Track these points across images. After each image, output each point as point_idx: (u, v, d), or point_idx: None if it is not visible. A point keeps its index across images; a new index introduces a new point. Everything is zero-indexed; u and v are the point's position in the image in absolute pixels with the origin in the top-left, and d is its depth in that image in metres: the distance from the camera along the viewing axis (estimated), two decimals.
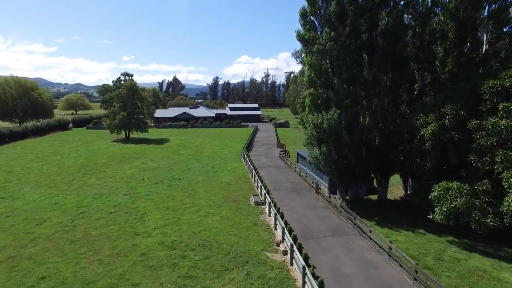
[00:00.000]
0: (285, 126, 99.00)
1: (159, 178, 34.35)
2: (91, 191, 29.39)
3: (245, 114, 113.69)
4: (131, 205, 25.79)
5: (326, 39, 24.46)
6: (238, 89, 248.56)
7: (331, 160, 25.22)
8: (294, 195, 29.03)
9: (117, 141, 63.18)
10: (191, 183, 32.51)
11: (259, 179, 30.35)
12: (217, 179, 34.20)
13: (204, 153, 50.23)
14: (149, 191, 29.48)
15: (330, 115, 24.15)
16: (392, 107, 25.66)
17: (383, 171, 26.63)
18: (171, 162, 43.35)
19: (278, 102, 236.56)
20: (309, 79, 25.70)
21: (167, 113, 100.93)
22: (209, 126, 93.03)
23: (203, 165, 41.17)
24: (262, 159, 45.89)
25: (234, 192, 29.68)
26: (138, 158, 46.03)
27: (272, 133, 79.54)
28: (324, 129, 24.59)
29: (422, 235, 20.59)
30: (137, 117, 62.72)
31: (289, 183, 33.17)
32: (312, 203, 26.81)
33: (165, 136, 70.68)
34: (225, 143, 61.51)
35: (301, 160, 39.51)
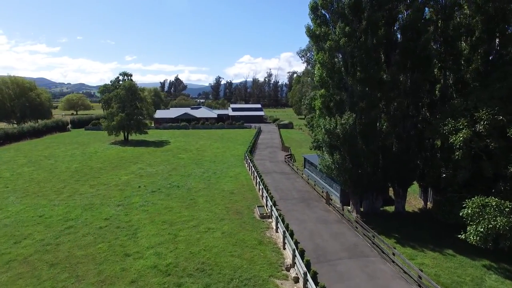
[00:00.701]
0: (288, 127, 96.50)
1: (156, 186, 31.97)
2: (82, 201, 27.03)
3: (247, 115, 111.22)
4: (123, 218, 23.40)
5: (339, 34, 21.98)
6: (241, 89, 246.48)
7: (345, 169, 22.74)
8: (302, 206, 26.56)
9: (115, 143, 60.90)
10: (191, 192, 30.11)
11: (264, 188, 27.91)
12: (219, 187, 31.77)
13: (205, 157, 47.84)
14: (145, 201, 27.10)
15: (345, 120, 21.66)
16: (413, 110, 23.14)
17: (402, 181, 24.11)
18: (170, 167, 40.98)
19: (280, 102, 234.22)
20: (320, 79, 23.24)
21: (168, 113, 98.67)
22: (211, 127, 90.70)
23: (204, 171, 38.77)
24: (266, 164, 43.45)
25: (237, 202, 27.26)
26: (135, 162, 43.69)
27: (276, 135, 77.09)
28: (337, 135, 22.11)
29: (452, 257, 18.07)
30: (136, 119, 60.42)
31: (296, 191, 30.70)
32: (323, 216, 24.34)
33: (165, 138, 68.36)
34: (227, 146, 59.13)
35: (308, 166, 37.03)
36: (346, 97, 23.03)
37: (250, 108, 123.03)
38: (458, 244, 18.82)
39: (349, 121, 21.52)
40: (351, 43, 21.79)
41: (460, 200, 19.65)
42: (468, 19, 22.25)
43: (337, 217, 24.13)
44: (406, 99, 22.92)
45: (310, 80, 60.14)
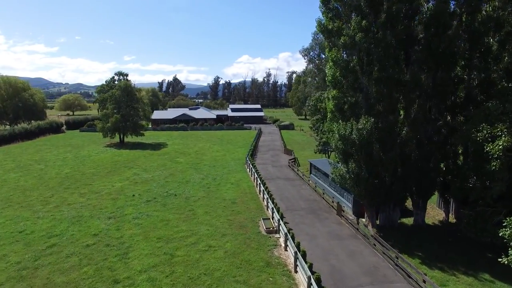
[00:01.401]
0: (289, 128, 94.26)
1: (152, 194, 29.57)
2: (69, 213, 24.61)
3: (247, 116, 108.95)
4: (114, 233, 21.01)
5: (355, 29, 19.70)
6: (239, 89, 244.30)
7: (361, 179, 20.43)
8: (312, 218, 24.24)
9: (110, 146, 58.42)
10: (189, 201, 27.73)
11: (269, 198, 25.58)
12: (219, 195, 29.41)
13: (204, 161, 45.45)
14: (139, 213, 24.70)
15: (362, 124, 19.36)
16: (436, 114, 20.88)
17: (422, 191, 21.83)
18: (167, 172, 38.57)
19: (279, 102, 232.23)
20: (333, 78, 20.95)
21: (166, 114, 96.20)
22: (210, 128, 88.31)
23: (203, 176, 36.39)
24: (269, 169, 41.12)
25: (240, 214, 24.91)
26: (130, 167, 41.25)
27: (277, 137, 74.81)
28: (352, 141, 19.81)
29: (490, 283, 15.78)
30: (132, 120, 57.98)
31: (303, 200, 28.37)
32: (336, 230, 22.03)
33: (163, 140, 65.89)
34: (227, 149, 56.76)
35: (315, 172, 34.73)
36: (361, 99, 20.78)
37: (250, 108, 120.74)
38: (494, 267, 16.56)
39: (366, 126, 19.21)
40: (368, 39, 19.52)
41: (493, 215, 17.41)
42: (497, 12, 20.03)
43: (351, 231, 21.82)
44: (428, 101, 20.65)
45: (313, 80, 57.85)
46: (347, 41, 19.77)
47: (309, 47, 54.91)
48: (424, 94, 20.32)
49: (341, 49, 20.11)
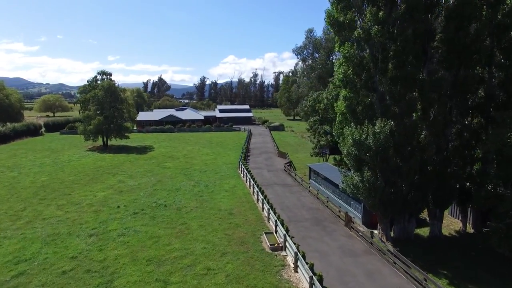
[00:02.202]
0: (279, 129, 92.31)
1: (139, 205, 26.71)
2: (44, 230, 21.55)
3: (235, 116, 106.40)
4: (96, 255, 18.18)
5: (370, 21, 17.59)
6: (226, 89, 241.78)
7: (376, 189, 18.32)
8: (318, 230, 22.02)
9: (93, 149, 54.81)
10: (181, 213, 25.06)
11: (270, 209, 23.24)
12: (214, 205, 26.84)
13: (195, 166, 42.68)
14: (125, 228, 21.89)
15: (379, 128, 17.24)
16: (457, 116, 19.02)
17: (440, 200, 19.93)
18: (154, 179, 35.66)
19: (267, 102, 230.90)
20: (345, 76, 18.80)
21: (152, 115, 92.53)
22: (198, 130, 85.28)
23: (194, 183, 33.69)
24: (264, 174, 38.76)
25: (238, 227, 22.44)
26: (114, 173, 38.08)
27: (268, 138, 72.55)
28: (368, 146, 17.68)
29: None
30: (116, 122, 54.55)
31: (305, 210, 26.14)
32: (347, 244, 19.86)
33: (149, 143, 62.58)
34: (217, 152, 54.09)
35: (314, 177, 32.59)
36: (375, 100, 18.70)
37: (238, 109, 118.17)
38: None
39: (385, 129, 17.11)
40: (384, 33, 17.44)
41: None
42: None
43: (364, 245, 19.69)
44: (449, 102, 18.75)
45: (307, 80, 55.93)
46: (361, 35, 17.64)
47: (303, 45, 52.95)
48: (444, 94, 18.38)
49: (355, 44, 17.93)
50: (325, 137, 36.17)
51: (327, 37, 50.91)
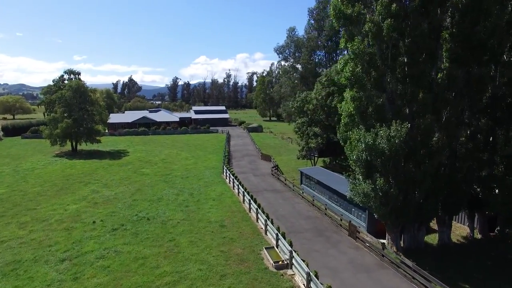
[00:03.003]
0: (258, 131, 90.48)
1: (118, 219, 23.73)
2: (2, 257, 18.15)
3: (212, 118, 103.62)
4: (71, 286, 15.28)
5: (381, 14, 16.06)
6: (199, 90, 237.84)
7: (389, 197, 16.84)
8: (322, 242, 20.29)
9: (61, 155, 50.20)
10: (167, 227, 22.43)
11: (267, 220, 21.22)
12: (203, 217, 24.41)
13: (175, 171, 39.78)
14: (104, 249, 18.99)
15: (395, 131, 15.73)
16: (469, 117, 17.97)
17: (452, 206, 18.84)
18: (133, 187, 32.51)
19: (240, 103, 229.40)
20: (353, 75, 17.15)
21: (124, 118, 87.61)
22: (173, 132, 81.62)
23: (177, 192, 30.97)
24: (250, 178, 36.65)
25: (234, 241, 20.22)
26: (87, 182, 34.46)
27: (248, 140, 70.55)
28: (381, 151, 16.14)
29: None
30: (87, 125, 50.26)
31: (303, 219, 24.36)
32: (357, 257, 18.23)
33: (122, 147, 58.53)
34: (197, 155, 51.32)
35: (307, 182, 30.94)
36: (385, 100, 17.23)
37: (214, 110, 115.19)
38: None
39: (401, 133, 15.62)
40: (397, 27, 15.99)
41: None
42: None
43: (375, 258, 18.15)
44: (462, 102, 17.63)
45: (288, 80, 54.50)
46: (372, 29, 16.06)
47: (285, 44, 51.50)
48: (458, 94, 17.24)
49: (365, 39, 16.34)
50: (314, 139, 34.67)
51: (310, 36, 49.72)
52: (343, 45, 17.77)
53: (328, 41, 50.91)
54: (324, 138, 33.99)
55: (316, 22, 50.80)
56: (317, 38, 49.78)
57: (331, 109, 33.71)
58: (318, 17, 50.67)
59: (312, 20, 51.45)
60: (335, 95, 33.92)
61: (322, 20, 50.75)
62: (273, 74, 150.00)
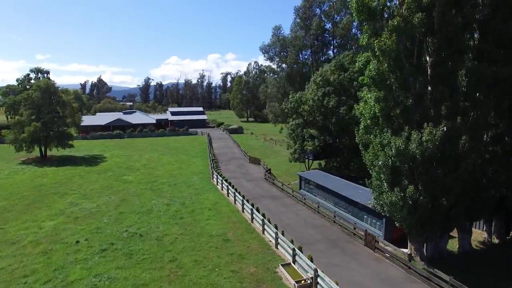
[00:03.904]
0: (239, 132, 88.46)
1: (105, 237, 20.88)
2: None
3: (189, 119, 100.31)
4: None
5: (411, 8, 14.69)
6: (173, 90, 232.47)
7: (419, 206, 15.54)
8: (338, 254, 18.70)
9: (28, 162, 45.49)
10: (164, 244, 19.93)
11: (278, 232, 19.35)
12: (202, 230, 22.10)
13: (160, 178, 36.90)
14: (94, 276, 16.25)
15: (428, 134, 14.41)
16: (496, 118, 17.09)
17: (474, 212, 17.92)
18: (117, 198, 29.43)
19: (215, 104, 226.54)
20: (378, 74, 15.66)
21: (96, 120, 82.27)
22: (151, 135, 77.66)
23: (168, 201, 28.33)
24: (243, 184, 34.60)
25: (243, 258, 18.15)
26: (63, 193, 30.87)
27: (230, 142, 68.31)
28: (412, 156, 14.79)
29: None
30: (58, 129, 45.89)
31: (311, 228, 22.70)
32: (381, 271, 16.79)
33: (98, 152, 54.34)
34: (181, 159, 48.47)
35: (307, 187, 29.38)
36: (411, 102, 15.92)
37: (191, 111, 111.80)
38: None
39: (436, 136, 14.32)
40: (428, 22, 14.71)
41: None
42: None
43: (399, 270, 16.80)
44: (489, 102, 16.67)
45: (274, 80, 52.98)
46: (401, 23, 14.66)
47: (271, 43, 49.90)
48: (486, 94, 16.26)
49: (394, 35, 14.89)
50: (311, 142, 33.23)
51: (297, 35, 48.44)
52: (365, 41, 16.27)
53: (315, 41, 49.91)
54: (321, 140, 32.64)
55: (302, 21, 49.67)
56: (304, 37, 48.63)
57: (328, 110, 32.41)
58: (304, 16, 49.55)
59: (298, 19, 50.27)
60: (332, 95, 32.70)
61: (308, 19, 49.71)
62: (250, 74, 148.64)
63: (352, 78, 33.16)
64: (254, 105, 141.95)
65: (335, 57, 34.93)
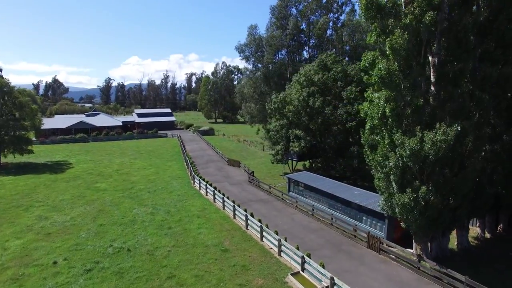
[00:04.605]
0: (210, 134, 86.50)
1: (88, 255, 18.61)
2: None
3: (157, 121, 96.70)
4: None
5: (421, 6, 14.44)
6: (136, 92, 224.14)
7: (430, 206, 15.37)
8: (344, 259, 18.13)
9: None
10: (157, 258, 18.16)
11: (283, 241, 18.38)
12: (196, 241, 20.54)
13: (137, 184, 34.42)
14: None
15: (442, 134, 14.20)
16: (494, 118, 17.41)
17: (476, 210, 18.21)
18: (92, 208, 26.78)
19: (180, 105, 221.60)
20: (388, 74, 15.23)
21: (56, 123, 76.12)
22: (118, 138, 73.36)
23: (151, 210, 26.27)
24: (228, 188, 33.19)
25: (247, 269, 16.96)
26: (27, 205, 27.55)
27: (204, 144, 66.41)
28: (424, 157, 14.53)
29: None
30: (14, 134, 41.37)
31: (310, 232, 21.98)
32: (392, 274, 16.42)
33: (61, 157, 49.94)
34: (155, 163, 45.92)
35: (296, 189, 28.70)
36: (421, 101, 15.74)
37: (159, 113, 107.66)
38: None
39: (450, 136, 14.14)
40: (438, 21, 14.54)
41: None
42: None
43: (409, 272, 16.56)
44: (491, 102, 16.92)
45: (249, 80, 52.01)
46: (413, 21, 14.35)
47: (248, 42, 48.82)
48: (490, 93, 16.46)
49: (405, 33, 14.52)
50: (297, 143, 32.68)
51: (274, 35, 47.86)
52: (373, 40, 15.82)
53: (291, 41, 49.68)
54: (307, 141, 32.17)
55: (278, 21, 49.21)
56: (281, 36, 48.17)
57: (313, 110, 32.05)
58: (280, 15, 49.13)
59: (274, 19, 49.75)
60: (316, 96, 32.40)
61: (284, 19, 49.36)
62: (217, 74, 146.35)
63: (336, 78, 33.14)
64: (223, 106, 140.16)
65: (318, 57, 34.62)
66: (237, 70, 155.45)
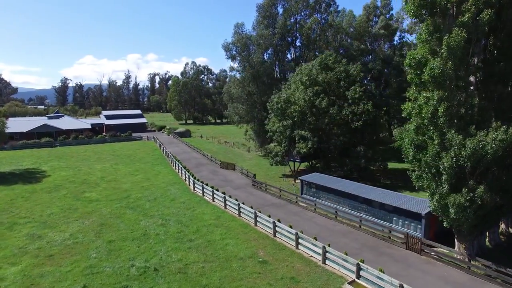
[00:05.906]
0: (187, 135, 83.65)
1: (109, 279, 16.25)
2: None
3: (128, 123, 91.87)
4: None
5: (477, 4, 14.22)
6: (95, 92, 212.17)
7: (484, 206, 15.28)
8: (389, 262, 17.59)
9: None
10: (192, 277, 16.32)
11: (328, 248, 17.41)
12: (227, 254, 18.91)
13: (132, 193, 31.60)
14: None
15: (503, 133, 14.08)
16: None
17: None
18: (92, 222, 23.87)
19: (143, 106, 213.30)
20: (442, 73, 14.81)
21: (15, 126, 68.52)
22: (89, 141, 67.91)
23: (160, 221, 24.02)
24: (232, 192, 31.52)
25: (298, 281, 15.79)
26: (10, 222, 23.90)
27: (185, 146, 63.82)
28: (482, 156, 14.37)
29: None
30: None
31: (343, 236, 21.23)
32: (443, 275, 16.13)
33: (30, 165, 44.82)
34: (142, 169, 42.85)
35: (310, 192, 27.87)
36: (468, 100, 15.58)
37: (129, 114, 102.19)
38: None
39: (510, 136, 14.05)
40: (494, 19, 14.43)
41: None
42: None
43: (459, 272, 16.43)
44: None
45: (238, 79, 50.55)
46: (470, 20, 14.08)
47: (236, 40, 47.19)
48: None
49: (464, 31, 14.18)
50: (303, 143, 31.94)
51: (263, 34, 46.75)
52: (424, 38, 15.35)
53: (280, 40, 48.90)
54: (314, 142, 31.53)
55: (265, 19, 48.20)
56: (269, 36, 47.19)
57: (320, 110, 31.50)
58: (267, 14, 48.14)
59: (261, 17, 48.67)
60: (321, 95, 31.88)
61: (271, 18, 48.47)
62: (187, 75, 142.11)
63: (339, 78, 32.88)
64: (193, 107, 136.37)
65: (320, 56, 34.16)
66: (206, 70, 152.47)
